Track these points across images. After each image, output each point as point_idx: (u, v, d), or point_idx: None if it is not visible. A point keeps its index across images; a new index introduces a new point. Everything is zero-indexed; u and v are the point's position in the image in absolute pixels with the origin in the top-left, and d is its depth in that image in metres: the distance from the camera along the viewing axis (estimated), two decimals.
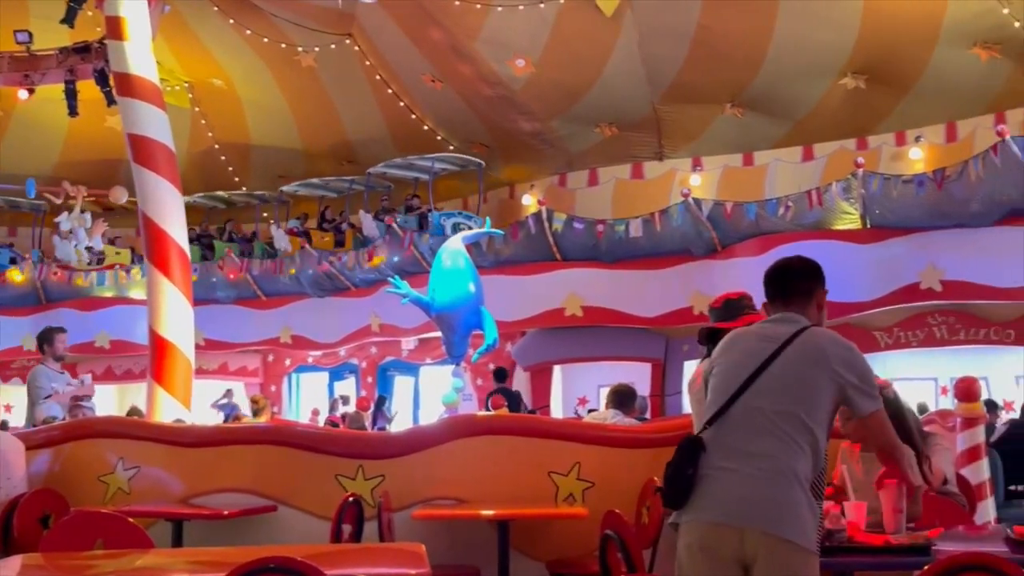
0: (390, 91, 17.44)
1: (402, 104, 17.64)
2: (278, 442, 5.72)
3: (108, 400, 17.05)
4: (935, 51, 13.41)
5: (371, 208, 17.96)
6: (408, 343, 17.31)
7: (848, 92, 14.43)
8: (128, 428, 6.18)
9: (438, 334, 11.27)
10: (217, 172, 19.69)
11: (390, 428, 13.85)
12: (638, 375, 13.77)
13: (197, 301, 11.06)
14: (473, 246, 12.66)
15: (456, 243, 9.30)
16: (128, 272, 18.28)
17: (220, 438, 5.94)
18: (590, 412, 10.88)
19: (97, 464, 5.78)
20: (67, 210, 18.72)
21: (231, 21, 16.65)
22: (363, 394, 17.26)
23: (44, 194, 18.54)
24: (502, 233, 14.23)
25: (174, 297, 9.94)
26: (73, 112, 15.16)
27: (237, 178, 20.10)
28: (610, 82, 15.39)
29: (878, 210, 12.22)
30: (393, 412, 15.82)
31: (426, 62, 16.18)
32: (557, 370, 15.55)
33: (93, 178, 18.68)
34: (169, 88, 16.11)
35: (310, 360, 19.18)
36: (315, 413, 16.63)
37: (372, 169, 17.44)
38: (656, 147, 16.82)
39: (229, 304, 18.17)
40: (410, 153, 17.28)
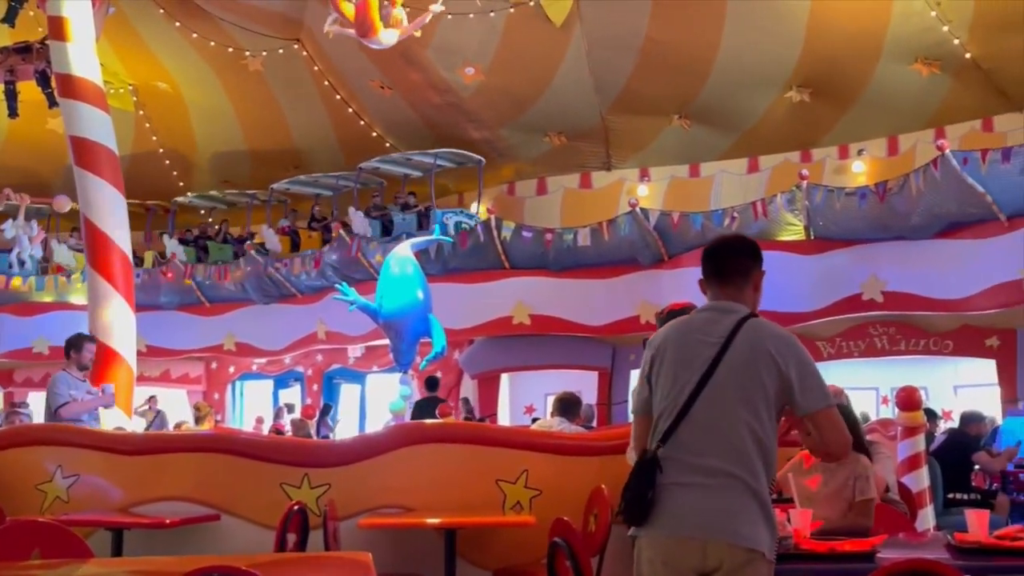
0: (338, 97, 17.34)
1: (350, 110, 17.54)
2: (221, 450, 5.62)
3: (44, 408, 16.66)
4: (878, 66, 13.68)
5: (360, 205, 17.24)
6: (355, 350, 17.17)
7: (793, 105, 14.65)
8: (67, 435, 6.02)
9: (386, 342, 11.21)
10: (161, 176, 19.39)
11: (333, 436, 13.71)
12: (585, 383, 13.84)
13: (139, 307, 10.87)
14: (421, 253, 12.64)
15: (405, 250, 9.26)
16: (69, 277, 17.97)
17: (162, 446, 5.82)
18: (534, 421, 10.85)
19: (35, 472, 5.64)
20: (11, 217, 18.40)
21: (177, 24, 16.45)
22: (308, 402, 17.09)
23: None
24: (451, 240, 14.22)
25: (116, 303, 9.76)
26: (13, 114, 14.88)
27: (182, 183, 19.81)
28: (559, 91, 15.48)
29: (821, 222, 12.41)
30: (336, 420, 15.65)
31: (375, 68, 16.09)
32: (505, 378, 15.57)
33: (33, 181, 18.34)
34: (113, 90, 15.86)
35: (254, 368, 18.92)
36: (259, 421, 16.42)
37: (364, 164, 17.08)
38: (604, 157, 16.96)
39: (172, 310, 17.89)
40: (356, 160, 17.14)
